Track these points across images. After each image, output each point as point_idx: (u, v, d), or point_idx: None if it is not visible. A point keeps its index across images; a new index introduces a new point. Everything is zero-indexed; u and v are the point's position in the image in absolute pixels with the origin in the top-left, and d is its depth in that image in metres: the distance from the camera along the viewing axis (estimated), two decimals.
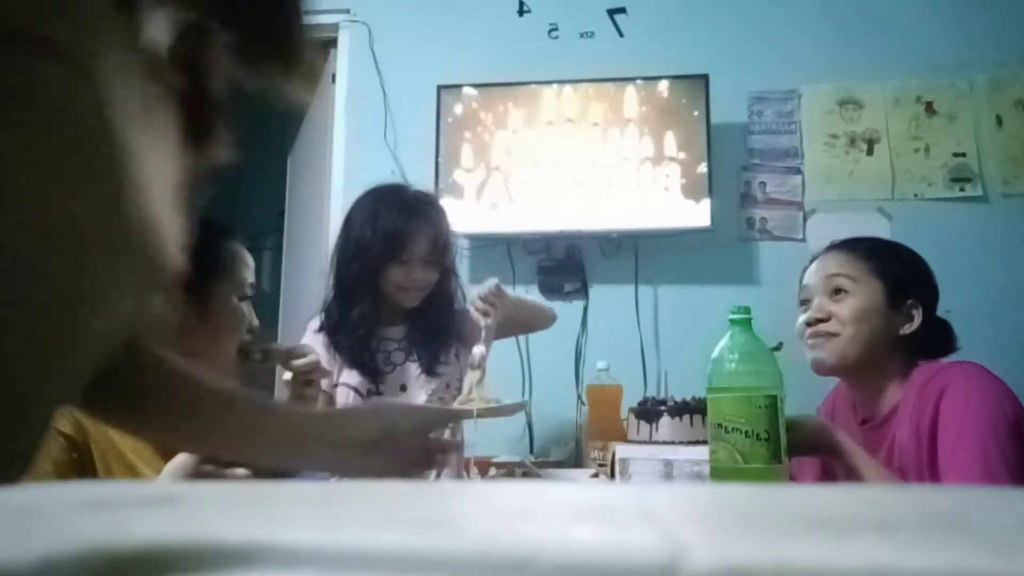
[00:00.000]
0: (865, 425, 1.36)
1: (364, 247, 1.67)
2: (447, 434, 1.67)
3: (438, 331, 1.74)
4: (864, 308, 1.31)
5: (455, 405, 1.52)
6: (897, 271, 1.35)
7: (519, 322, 1.88)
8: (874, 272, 1.33)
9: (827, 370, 1.37)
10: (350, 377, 1.68)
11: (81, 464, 1.04)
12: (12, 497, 0.30)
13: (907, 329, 1.31)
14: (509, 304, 1.69)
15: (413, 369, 1.71)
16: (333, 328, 1.70)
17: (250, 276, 1.24)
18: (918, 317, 1.31)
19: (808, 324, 1.37)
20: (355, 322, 1.68)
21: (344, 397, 1.68)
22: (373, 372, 1.68)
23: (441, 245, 1.70)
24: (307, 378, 1.30)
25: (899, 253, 1.40)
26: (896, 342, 1.31)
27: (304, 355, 1.29)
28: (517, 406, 1.57)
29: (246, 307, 1.22)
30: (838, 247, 1.41)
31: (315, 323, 1.76)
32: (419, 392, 1.69)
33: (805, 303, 1.40)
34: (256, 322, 1.25)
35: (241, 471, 1.06)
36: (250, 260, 1.25)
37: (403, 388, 1.69)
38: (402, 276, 1.66)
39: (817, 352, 1.35)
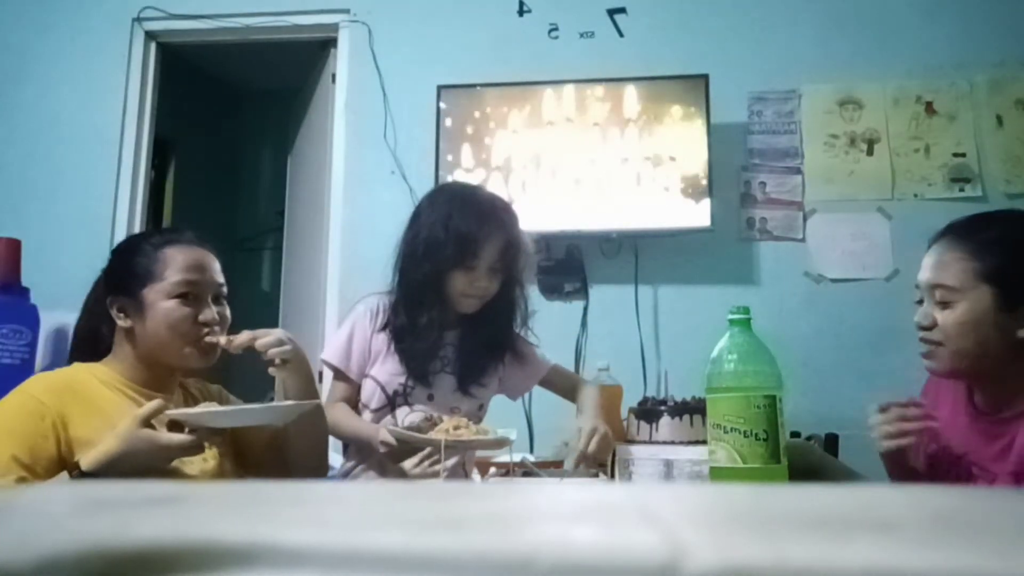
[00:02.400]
0: (980, 416, 1.28)
1: (435, 248, 1.60)
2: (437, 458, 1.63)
3: (487, 346, 1.69)
4: (969, 321, 1.20)
5: (433, 433, 1.46)
6: (1013, 271, 1.21)
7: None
8: (982, 275, 1.20)
9: (942, 377, 1.30)
10: (381, 373, 1.65)
11: (56, 432, 1.15)
12: (12, 497, 0.30)
13: None
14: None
15: (449, 382, 1.67)
16: (400, 329, 1.65)
17: (188, 275, 1.30)
18: None
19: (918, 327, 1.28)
20: (424, 328, 1.63)
21: (371, 391, 1.65)
22: (420, 378, 1.64)
23: (511, 254, 1.64)
24: (269, 355, 1.35)
25: (1021, 245, 1.24)
26: (1018, 343, 1.20)
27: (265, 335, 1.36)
28: (492, 442, 1.51)
29: (183, 304, 1.29)
30: (950, 236, 1.27)
31: (365, 310, 1.70)
32: (445, 405, 1.65)
33: (921, 301, 1.30)
34: (211, 316, 1.31)
35: (185, 436, 1.13)
36: (183, 260, 1.31)
37: (431, 397, 1.65)
38: (466, 283, 1.61)
39: (928, 360, 1.27)
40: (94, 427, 1.17)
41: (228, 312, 1.36)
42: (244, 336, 1.32)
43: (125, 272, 1.32)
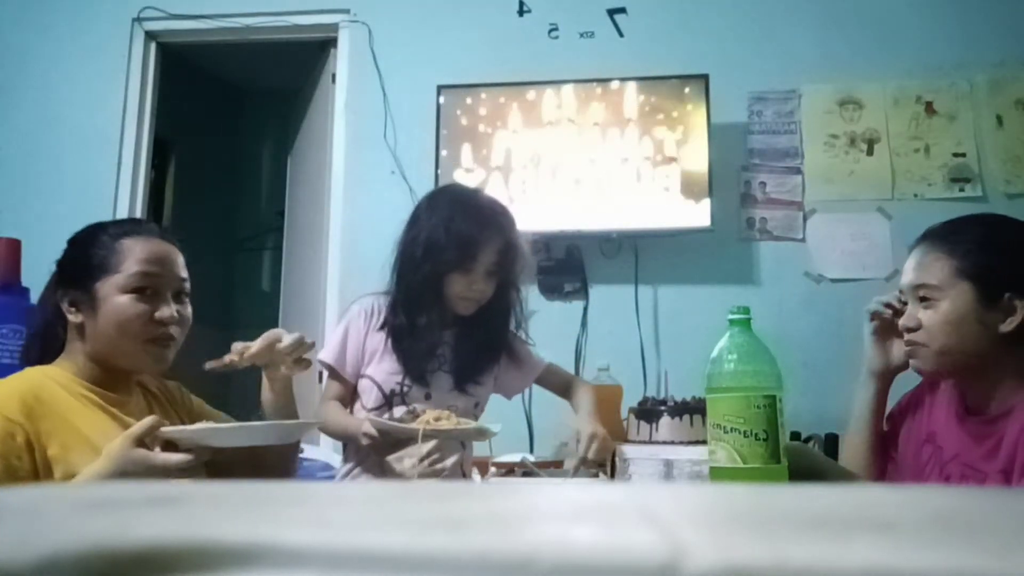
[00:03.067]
0: (970, 416, 1.29)
1: (434, 250, 1.62)
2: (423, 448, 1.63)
3: (485, 347, 1.71)
4: (950, 319, 1.22)
5: (414, 424, 1.46)
6: (991, 266, 1.23)
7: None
8: (962, 273, 1.22)
9: (928, 376, 1.32)
10: (377, 372, 1.66)
11: (29, 448, 1.09)
12: (12, 497, 0.30)
13: (1008, 326, 1.20)
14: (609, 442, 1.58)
15: (446, 381, 1.68)
16: (399, 330, 1.66)
17: (146, 267, 1.21)
18: (1021, 309, 1.20)
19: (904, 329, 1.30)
20: (423, 329, 1.64)
21: (367, 390, 1.66)
22: (418, 378, 1.65)
23: (509, 258, 1.66)
24: (296, 356, 1.29)
25: (996, 241, 1.27)
26: (1003, 339, 1.21)
27: (279, 338, 1.29)
28: (473, 432, 1.52)
29: (138, 300, 1.20)
30: (928, 239, 1.30)
31: (360, 310, 1.71)
32: (442, 405, 1.64)
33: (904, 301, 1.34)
34: (168, 313, 1.22)
35: (181, 456, 1.07)
36: (142, 251, 1.22)
37: (428, 396, 1.66)
38: (464, 285, 1.63)
39: (913, 361, 1.30)
40: (67, 442, 1.12)
41: (189, 311, 1.27)
42: (260, 343, 1.25)
43: (78, 263, 1.23)
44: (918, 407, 1.42)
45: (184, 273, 1.27)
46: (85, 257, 1.22)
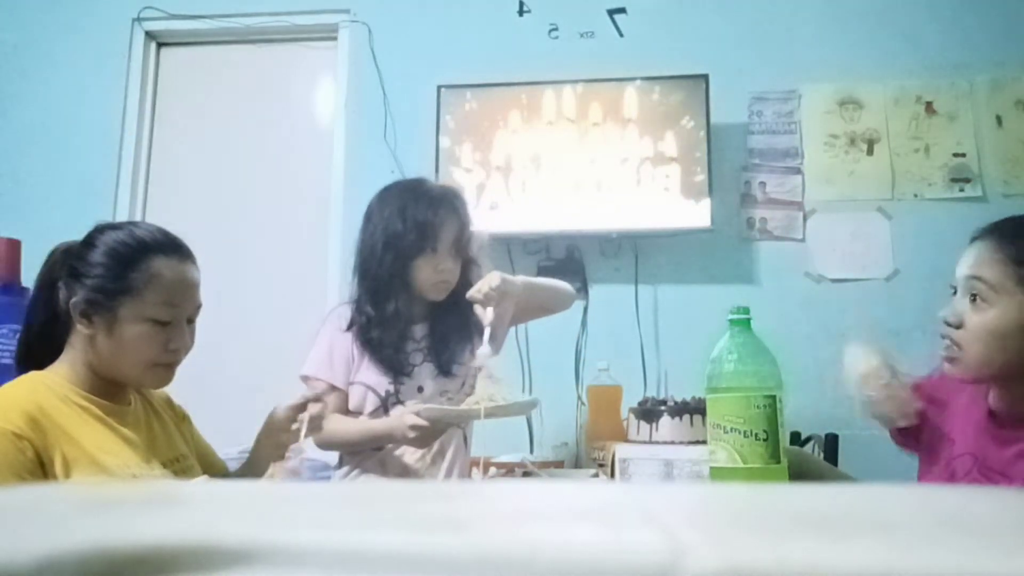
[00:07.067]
0: (998, 417, 1.21)
1: (395, 238, 1.65)
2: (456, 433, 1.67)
3: (458, 328, 1.72)
4: (995, 329, 1.13)
5: (463, 405, 1.50)
6: None
7: (537, 305, 1.81)
8: (1022, 283, 1.12)
9: (961, 381, 1.23)
10: (368, 376, 1.66)
11: (39, 461, 1.07)
12: (12, 497, 0.30)
13: None
14: (516, 292, 1.63)
15: (430, 370, 1.69)
16: (366, 324, 1.67)
17: (172, 297, 1.20)
18: None
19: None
20: (391, 317, 1.65)
21: (360, 396, 1.66)
22: (400, 372, 1.66)
23: (467, 237, 1.70)
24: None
25: None
26: None
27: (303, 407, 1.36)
28: (527, 405, 1.55)
29: (157, 329, 1.19)
30: (995, 235, 1.18)
31: (337, 319, 1.72)
32: (435, 394, 1.67)
33: (955, 290, 1.22)
34: (182, 343, 1.22)
35: None
36: (170, 278, 1.20)
37: (420, 389, 1.67)
38: (431, 269, 1.65)
39: (948, 365, 1.20)
40: (69, 457, 1.10)
41: (194, 333, 1.26)
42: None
43: (99, 274, 1.18)
44: (946, 403, 1.33)
45: (200, 299, 1.25)
46: (108, 270, 1.18)
